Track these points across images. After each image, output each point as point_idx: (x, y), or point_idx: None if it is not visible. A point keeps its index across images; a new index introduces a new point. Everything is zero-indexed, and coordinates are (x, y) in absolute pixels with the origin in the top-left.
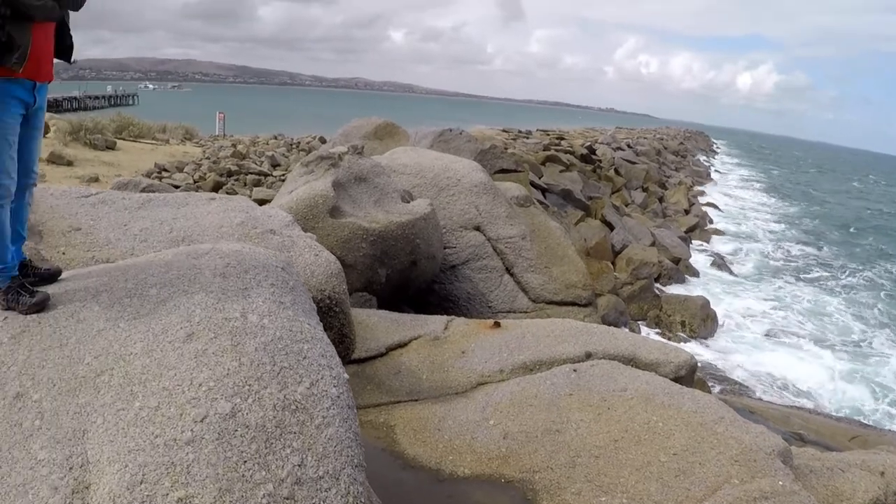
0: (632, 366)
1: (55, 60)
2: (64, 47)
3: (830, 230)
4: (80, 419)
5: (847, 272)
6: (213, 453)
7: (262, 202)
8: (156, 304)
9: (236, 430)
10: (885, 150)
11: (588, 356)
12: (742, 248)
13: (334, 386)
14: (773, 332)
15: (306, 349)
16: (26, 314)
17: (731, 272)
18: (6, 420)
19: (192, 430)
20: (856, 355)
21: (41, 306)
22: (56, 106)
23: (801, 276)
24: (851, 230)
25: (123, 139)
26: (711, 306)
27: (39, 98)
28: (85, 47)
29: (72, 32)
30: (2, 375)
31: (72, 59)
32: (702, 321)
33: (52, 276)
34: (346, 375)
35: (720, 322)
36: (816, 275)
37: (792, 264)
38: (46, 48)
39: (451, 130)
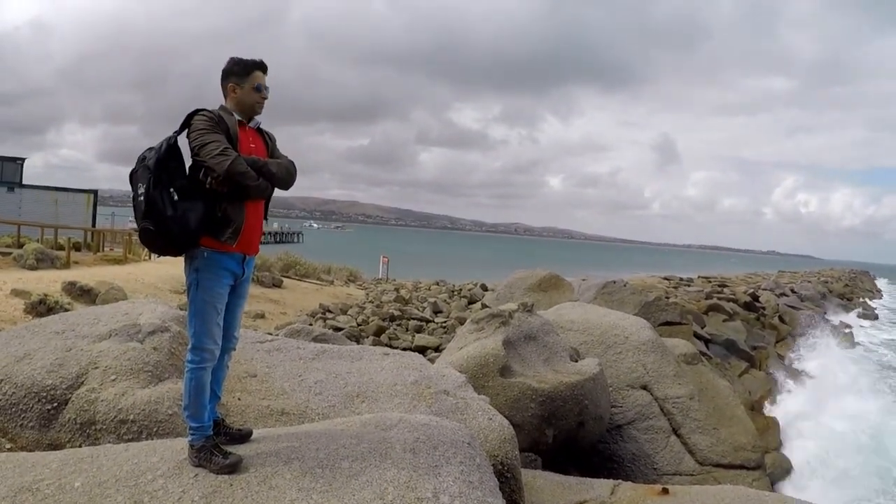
0: None
1: None
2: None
3: None
4: None
5: None
6: None
7: (423, 349)
8: (348, 478)
9: None
10: None
11: None
12: None
13: None
14: None
15: None
16: (217, 474)
17: None
18: None
19: None
20: None
21: (234, 468)
22: None
23: None
24: None
25: (289, 277)
26: None
27: (248, 269)
28: None
29: None
30: None
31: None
32: None
33: (244, 438)
34: None
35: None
36: None
37: None
38: (257, 223)
39: (614, 282)
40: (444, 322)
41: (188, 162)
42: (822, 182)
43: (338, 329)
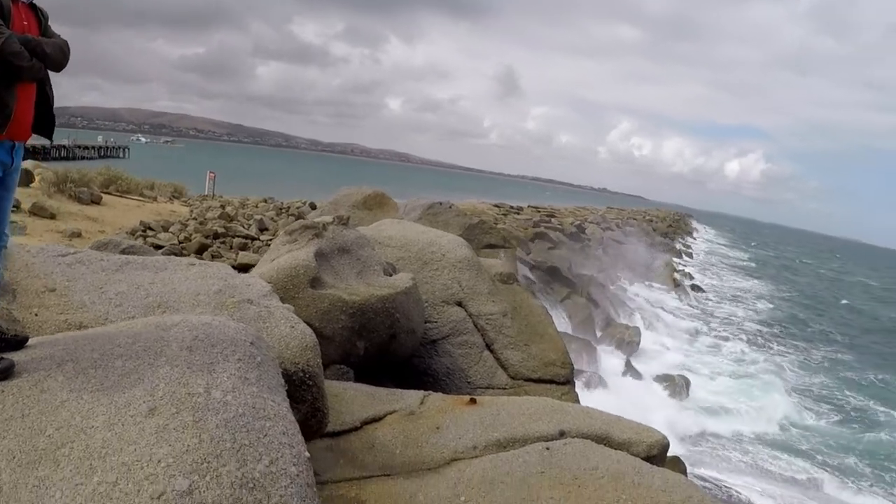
0: (605, 444)
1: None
2: (45, 122)
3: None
4: (38, 493)
5: None
6: None
7: (246, 266)
8: (120, 377)
9: None
10: (862, 238)
11: (561, 434)
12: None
13: (294, 464)
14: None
15: (268, 427)
16: None
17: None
18: None
19: None
20: None
21: (5, 374)
22: (43, 154)
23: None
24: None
25: (110, 194)
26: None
27: (17, 159)
28: (77, 94)
29: (54, 88)
30: None
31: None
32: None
33: (20, 343)
34: (307, 454)
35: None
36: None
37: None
38: (28, 108)
39: (440, 204)
40: (270, 240)
41: None
42: (658, 129)
43: (158, 247)
